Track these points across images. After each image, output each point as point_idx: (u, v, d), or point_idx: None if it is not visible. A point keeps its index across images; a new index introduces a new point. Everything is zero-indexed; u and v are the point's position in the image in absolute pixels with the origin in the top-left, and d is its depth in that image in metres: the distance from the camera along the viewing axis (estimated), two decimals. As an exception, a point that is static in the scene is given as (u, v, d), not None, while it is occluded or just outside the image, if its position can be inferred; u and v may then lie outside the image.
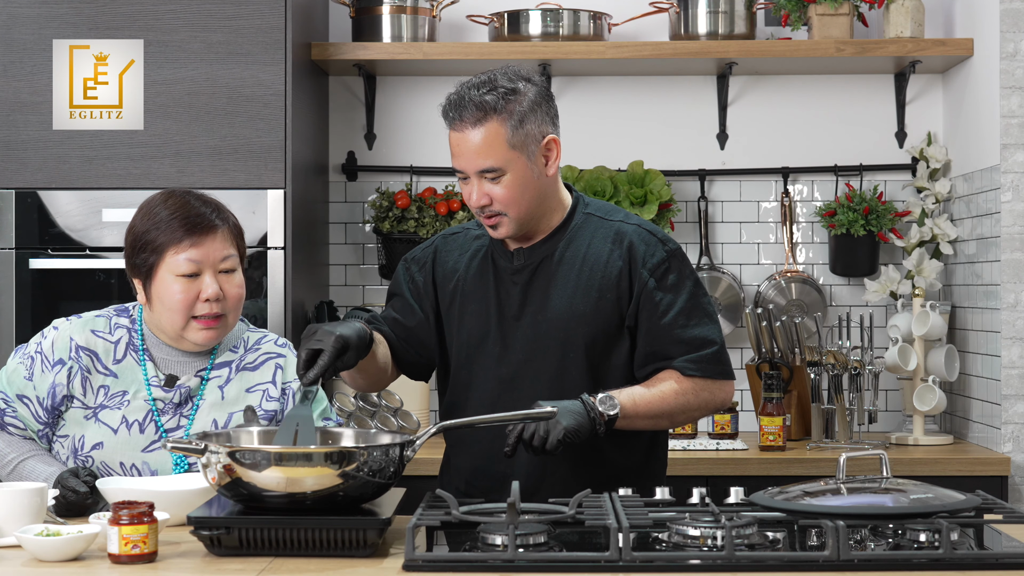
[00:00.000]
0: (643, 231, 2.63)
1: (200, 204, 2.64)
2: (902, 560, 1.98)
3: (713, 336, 2.60)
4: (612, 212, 2.69)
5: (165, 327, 2.63)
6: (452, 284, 2.68)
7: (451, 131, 2.56)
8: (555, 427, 2.40)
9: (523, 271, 2.63)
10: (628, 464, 2.63)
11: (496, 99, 2.51)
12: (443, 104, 2.57)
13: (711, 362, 2.59)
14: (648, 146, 4.31)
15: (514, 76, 2.56)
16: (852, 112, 4.31)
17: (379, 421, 3.84)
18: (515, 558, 1.96)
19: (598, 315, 2.59)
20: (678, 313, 2.58)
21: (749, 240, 4.32)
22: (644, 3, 4.20)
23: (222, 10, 3.71)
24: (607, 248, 2.62)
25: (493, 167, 2.52)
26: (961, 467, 3.66)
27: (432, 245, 2.75)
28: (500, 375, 2.61)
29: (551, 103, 2.60)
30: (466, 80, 2.58)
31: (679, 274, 2.61)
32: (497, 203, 2.54)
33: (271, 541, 2.08)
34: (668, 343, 2.58)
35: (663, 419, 2.59)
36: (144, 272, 2.62)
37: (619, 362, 2.62)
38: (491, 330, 2.62)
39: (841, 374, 3.89)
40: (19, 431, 2.64)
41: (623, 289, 2.59)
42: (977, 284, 3.93)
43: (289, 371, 2.72)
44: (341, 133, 4.34)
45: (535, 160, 2.55)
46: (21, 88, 3.72)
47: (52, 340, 2.65)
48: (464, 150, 2.53)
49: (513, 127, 2.52)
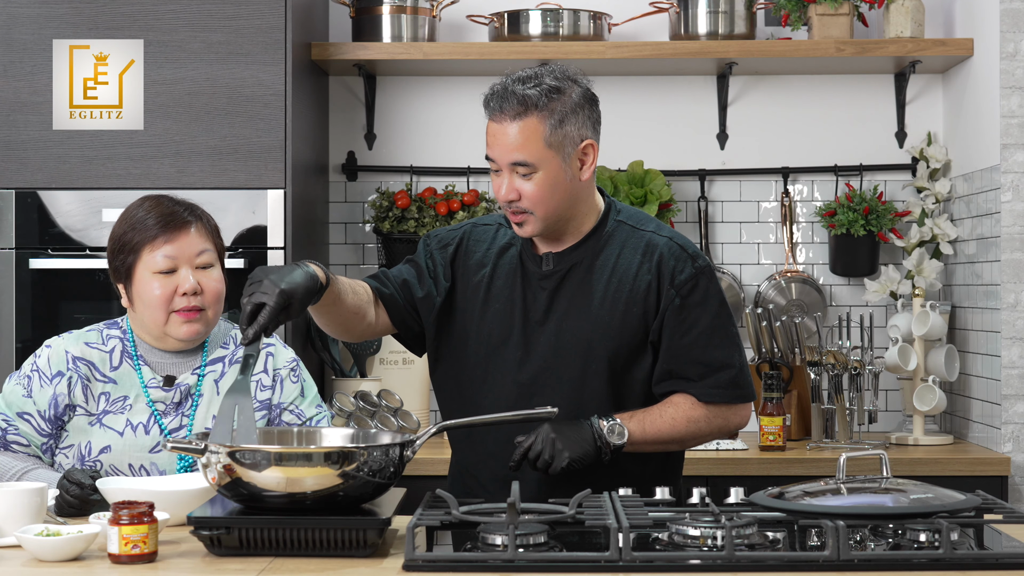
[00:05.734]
0: (674, 245, 2.60)
1: (173, 204, 2.68)
2: (902, 560, 1.98)
3: (732, 360, 2.58)
4: (644, 221, 2.65)
5: (148, 325, 2.65)
6: (477, 278, 2.64)
7: (490, 121, 2.53)
8: (560, 455, 2.42)
9: (551, 277, 2.60)
10: (644, 473, 2.60)
11: (539, 95, 2.49)
12: (485, 93, 2.54)
13: (728, 387, 2.57)
14: (648, 146, 4.31)
15: (561, 76, 2.53)
16: (852, 112, 4.31)
17: (379, 421, 3.83)
18: (515, 558, 1.96)
19: (624, 328, 2.56)
20: (700, 333, 2.56)
21: (749, 240, 4.32)
22: (644, 3, 4.20)
23: (222, 10, 3.71)
24: (637, 260, 2.58)
25: (526, 162, 2.49)
26: (961, 467, 3.66)
27: (460, 230, 2.70)
28: (519, 380, 2.58)
29: (595, 108, 2.57)
30: (513, 73, 2.55)
31: (705, 293, 2.58)
32: (525, 200, 2.51)
33: (271, 541, 2.08)
34: (686, 363, 2.56)
35: (672, 444, 2.59)
36: (124, 274, 2.65)
37: (641, 376, 2.59)
38: (513, 333, 2.59)
39: (841, 374, 3.89)
40: (23, 448, 2.64)
41: (650, 304, 2.57)
42: (977, 284, 3.93)
43: (279, 359, 2.73)
44: (341, 133, 4.34)
45: (570, 162, 2.52)
46: (21, 88, 3.72)
47: (47, 356, 2.66)
48: (500, 141, 2.51)
49: (552, 126, 2.49)
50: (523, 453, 2.44)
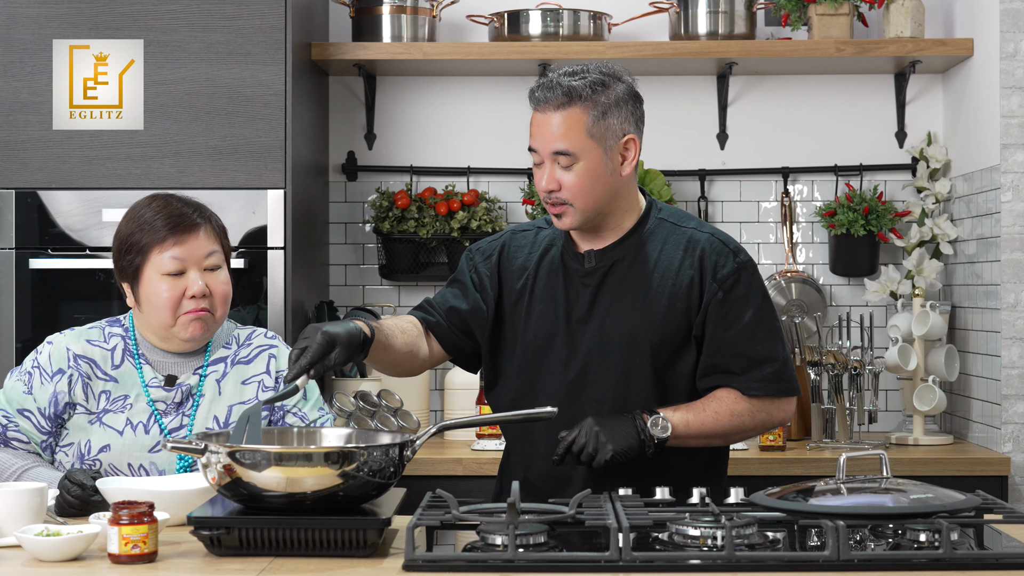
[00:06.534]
0: (716, 240, 2.61)
1: (182, 205, 2.66)
2: (902, 560, 1.98)
3: (776, 353, 2.59)
4: (685, 219, 2.67)
5: (155, 326, 2.64)
6: (520, 282, 2.66)
7: (535, 112, 2.56)
8: (604, 447, 2.44)
9: (594, 274, 2.61)
10: (691, 468, 2.61)
11: (584, 87, 2.51)
12: (531, 87, 2.57)
13: (772, 380, 2.58)
14: (648, 146, 4.27)
15: (607, 71, 2.56)
16: (852, 112, 4.31)
17: (379, 421, 3.83)
18: (515, 558, 1.96)
19: (667, 323, 2.57)
20: (743, 327, 2.57)
21: (749, 240, 4.32)
22: (644, 3, 4.20)
23: (222, 10, 3.71)
24: (679, 255, 2.60)
25: (568, 151, 2.51)
26: (961, 467, 3.66)
27: (500, 239, 2.73)
28: (566, 379, 2.59)
29: (638, 105, 2.60)
30: (560, 68, 2.58)
31: (748, 287, 2.59)
32: (566, 190, 2.53)
33: (271, 541, 2.08)
34: (730, 357, 2.57)
35: (716, 439, 2.59)
36: (131, 274, 2.64)
37: (685, 371, 2.60)
38: (559, 332, 2.61)
39: (841, 374, 3.89)
40: (23, 445, 2.64)
41: (693, 298, 2.58)
42: (977, 284, 3.93)
43: (282, 360, 2.73)
44: (341, 133, 4.34)
45: (611, 155, 2.54)
46: (21, 88, 3.72)
47: (49, 353, 2.66)
48: (543, 131, 2.53)
49: (595, 117, 2.52)
50: (567, 447, 2.46)
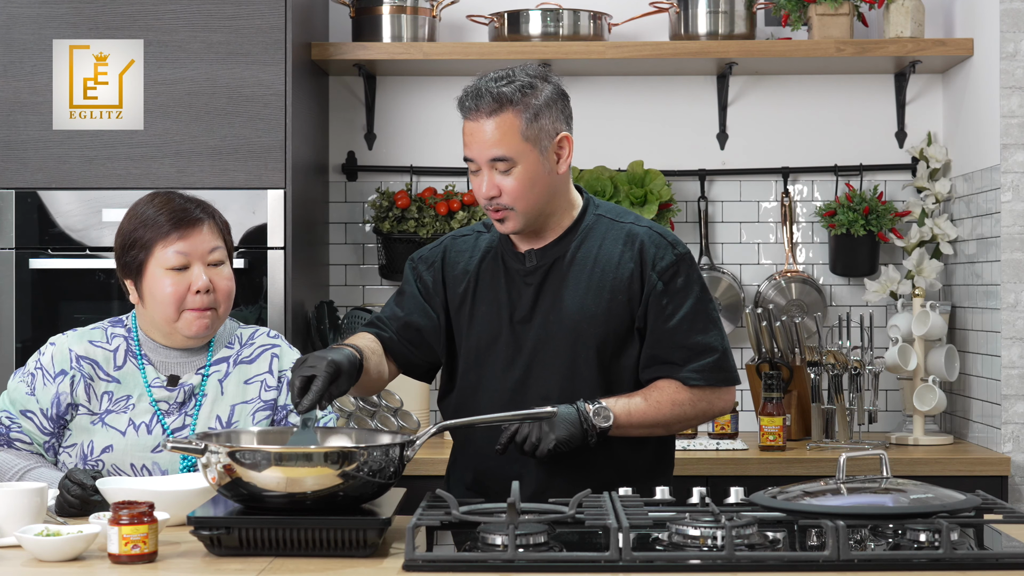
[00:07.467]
0: (654, 233, 2.65)
1: (184, 201, 2.68)
2: (902, 560, 1.98)
3: (715, 343, 2.62)
4: (623, 214, 2.70)
5: (158, 322, 2.65)
6: (463, 286, 2.68)
7: (466, 121, 2.57)
8: (547, 436, 2.45)
9: (535, 272, 2.64)
10: (638, 462, 2.64)
11: (513, 91, 2.54)
12: (459, 96, 2.58)
13: (711, 370, 2.61)
14: (648, 146, 4.31)
15: (532, 73, 2.59)
16: (852, 112, 4.31)
17: (379, 421, 3.84)
18: (515, 558, 1.96)
19: (610, 316, 2.60)
20: (682, 318, 2.60)
21: (749, 240, 4.32)
22: (644, 3, 4.20)
23: (222, 10, 3.71)
24: (619, 249, 2.63)
25: (505, 156, 2.53)
26: (961, 467, 3.66)
27: (441, 245, 2.75)
28: (511, 377, 2.62)
29: (566, 103, 2.63)
30: (486, 75, 2.59)
31: (687, 278, 2.62)
32: (506, 196, 2.55)
33: (271, 541, 2.08)
34: (670, 348, 2.60)
35: (658, 428, 2.61)
36: (134, 270, 2.64)
37: (629, 363, 2.63)
38: (502, 332, 2.63)
39: (841, 374, 3.89)
40: (25, 446, 2.64)
41: (634, 291, 2.61)
42: (977, 284, 3.93)
43: (284, 360, 2.73)
44: (341, 133, 4.34)
45: (547, 156, 2.57)
46: (21, 88, 3.72)
47: (51, 354, 2.66)
48: (477, 138, 2.55)
49: (528, 120, 2.54)
50: (510, 436, 2.47)
